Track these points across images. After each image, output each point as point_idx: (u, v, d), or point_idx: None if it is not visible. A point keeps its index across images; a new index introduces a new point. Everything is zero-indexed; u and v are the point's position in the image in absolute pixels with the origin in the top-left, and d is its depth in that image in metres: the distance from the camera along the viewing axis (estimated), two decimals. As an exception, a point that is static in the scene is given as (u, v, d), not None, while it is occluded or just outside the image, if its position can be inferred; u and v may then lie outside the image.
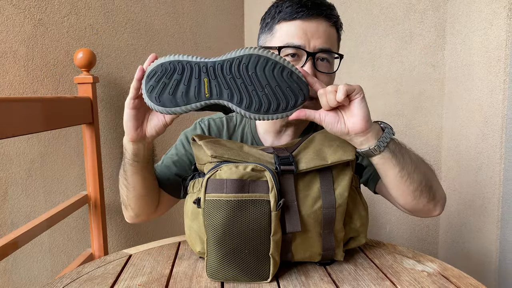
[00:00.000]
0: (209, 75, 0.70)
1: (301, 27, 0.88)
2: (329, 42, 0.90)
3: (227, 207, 0.69)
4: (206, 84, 0.70)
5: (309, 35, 0.88)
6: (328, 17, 0.90)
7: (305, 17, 0.88)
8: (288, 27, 0.90)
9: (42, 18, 1.45)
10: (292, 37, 0.88)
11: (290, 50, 0.89)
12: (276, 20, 0.92)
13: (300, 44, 0.88)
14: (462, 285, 0.70)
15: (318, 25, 0.89)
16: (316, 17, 0.89)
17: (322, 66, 0.90)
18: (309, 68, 0.87)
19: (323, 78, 0.90)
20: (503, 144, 1.18)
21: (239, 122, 1.04)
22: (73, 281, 0.73)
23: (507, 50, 1.14)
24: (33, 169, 1.48)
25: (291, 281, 0.72)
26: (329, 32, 0.90)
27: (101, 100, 1.62)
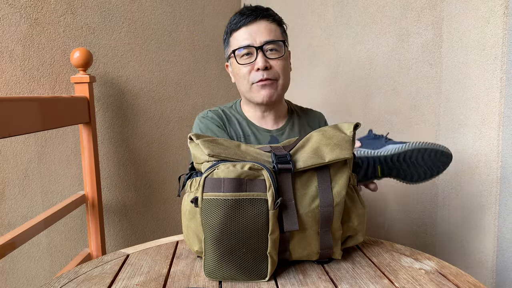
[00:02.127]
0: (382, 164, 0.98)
1: (246, 31, 1.09)
2: (271, 34, 1.09)
3: (224, 206, 0.69)
4: (379, 169, 0.97)
5: (253, 35, 1.08)
6: (265, 17, 1.10)
7: (247, 22, 1.09)
8: (237, 35, 1.11)
9: (39, 18, 1.45)
10: (241, 41, 1.09)
11: (243, 50, 1.09)
12: (229, 34, 1.14)
13: (248, 43, 1.08)
14: (459, 283, 0.70)
15: (259, 25, 1.09)
16: (255, 20, 1.09)
17: (271, 54, 1.09)
18: (260, 58, 1.07)
19: (275, 62, 1.09)
20: (500, 142, 1.18)
21: (228, 113, 1.21)
22: (70, 281, 0.73)
23: (504, 48, 1.14)
24: (30, 169, 1.47)
25: (289, 280, 0.72)
26: (269, 27, 1.10)
27: (98, 100, 1.61)
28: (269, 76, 1.08)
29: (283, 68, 1.10)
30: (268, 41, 1.08)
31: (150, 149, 1.79)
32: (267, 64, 1.07)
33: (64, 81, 1.52)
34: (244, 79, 1.11)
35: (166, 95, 1.83)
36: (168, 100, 1.84)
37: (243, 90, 1.14)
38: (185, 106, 1.91)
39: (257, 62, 1.07)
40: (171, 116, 1.86)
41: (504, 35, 1.14)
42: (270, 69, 1.08)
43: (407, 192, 1.58)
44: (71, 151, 1.56)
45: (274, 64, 1.09)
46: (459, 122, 1.38)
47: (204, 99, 1.98)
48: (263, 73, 1.07)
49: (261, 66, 1.06)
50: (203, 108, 1.98)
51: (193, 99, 1.94)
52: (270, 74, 1.08)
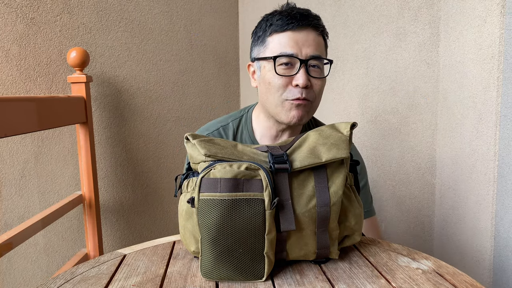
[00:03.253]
0: None
1: (292, 37, 0.96)
2: (318, 49, 0.98)
3: (221, 206, 0.68)
4: None
5: (300, 44, 0.96)
6: (315, 27, 0.98)
7: (295, 28, 0.96)
8: (280, 38, 0.97)
9: (35, 17, 1.44)
10: (284, 47, 0.96)
11: (284, 59, 0.96)
12: (267, 33, 0.99)
13: (293, 52, 0.95)
14: (456, 282, 0.70)
15: (308, 35, 0.97)
16: (305, 27, 0.96)
17: (314, 72, 0.98)
18: (303, 74, 0.94)
19: (316, 82, 0.98)
20: (497, 141, 1.18)
21: (235, 128, 1.10)
22: (66, 282, 0.73)
23: (501, 47, 1.15)
24: (27, 169, 1.47)
25: (285, 280, 0.72)
26: (317, 41, 0.98)
27: (95, 100, 1.61)
28: (307, 96, 0.96)
29: (321, 89, 1.00)
30: (315, 56, 0.96)
31: (147, 149, 1.78)
32: (308, 83, 0.96)
33: (61, 81, 1.51)
34: (276, 92, 0.98)
35: (163, 94, 1.83)
36: (165, 100, 1.84)
37: (271, 102, 1.00)
38: (183, 105, 1.91)
39: (297, 78, 0.95)
40: (168, 115, 1.85)
41: (501, 34, 1.14)
42: (310, 88, 0.97)
43: (404, 191, 1.59)
44: (68, 151, 1.55)
45: (314, 84, 0.97)
46: (456, 121, 1.38)
47: (202, 98, 1.98)
48: (302, 91, 0.96)
49: (302, 84, 0.94)
50: (200, 108, 1.98)
51: (190, 99, 1.93)
52: (309, 94, 0.97)
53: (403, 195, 1.59)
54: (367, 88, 1.63)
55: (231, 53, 2.09)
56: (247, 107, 1.15)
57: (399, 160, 1.58)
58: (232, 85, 2.11)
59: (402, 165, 1.58)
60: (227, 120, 1.12)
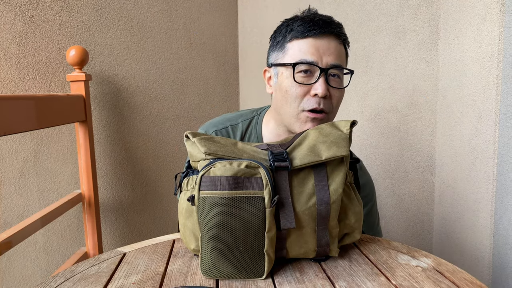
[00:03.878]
0: None
1: (313, 45, 0.92)
2: (339, 58, 0.94)
3: (221, 204, 0.68)
4: None
5: (321, 52, 0.92)
6: (337, 35, 0.94)
7: (316, 35, 0.92)
8: (301, 45, 0.93)
9: (34, 16, 1.44)
10: (305, 54, 0.92)
11: (303, 67, 0.92)
12: (287, 38, 0.95)
13: (313, 60, 0.91)
14: (456, 280, 0.70)
15: (329, 43, 0.93)
16: (327, 35, 0.93)
17: (334, 82, 0.94)
18: (322, 83, 0.91)
19: (335, 92, 0.95)
20: (496, 139, 1.18)
21: (245, 129, 1.08)
22: (66, 280, 0.73)
23: (500, 46, 1.15)
24: (26, 168, 1.47)
25: (285, 278, 0.72)
26: (339, 49, 0.94)
27: (95, 98, 1.61)
28: (324, 107, 0.93)
29: (339, 100, 0.96)
30: (336, 65, 0.93)
31: (146, 148, 1.78)
32: (327, 93, 0.92)
33: (60, 79, 1.51)
34: (294, 101, 0.94)
35: (162, 93, 1.83)
36: (164, 98, 1.84)
37: (286, 112, 0.96)
38: (182, 104, 1.91)
39: (316, 87, 0.91)
40: (167, 114, 1.85)
41: (501, 32, 1.14)
42: (328, 98, 0.93)
43: (404, 190, 1.59)
44: (67, 149, 1.55)
45: (333, 94, 0.94)
46: (455, 120, 1.38)
47: (201, 97, 1.98)
48: (320, 101, 0.92)
49: (321, 94, 0.91)
50: (199, 107, 1.98)
51: (189, 97, 1.93)
52: (326, 105, 0.93)
53: (402, 193, 1.59)
54: (367, 86, 1.63)
55: (230, 51, 2.09)
56: (260, 109, 1.11)
57: (399, 159, 1.58)
58: (232, 84, 2.11)
59: (401, 164, 1.58)
60: (237, 120, 1.08)
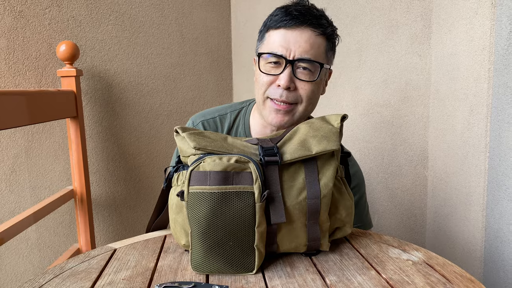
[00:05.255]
0: None
1: (284, 36, 0.91)
2: (311, 51, 0.92)
3: (211, 199, 0.68)
4: None
5: (290, 44, 0.91)
6: (313, 26, 0.91)
7: (289, 25, 0.91)
8: (273, 35, 0.93)
9: (23, 10, 1.42)
10: (275, 46, 0.92)
11: (272, 58, 0.93)
12: (266, 29, 0.96)
13: (282, 53, 0.91)
14: (446, 273, 0.70)
15: (301, 34, 0.91)
16: (300, 26, 0.91)
17: (302, 74, 0.93)
18: (285, 75, 0.91)
19: (302, 85, 0.94)
20: (488, 133, 1.18)
21: (233, 120, 1.08)
22: (55, 277, 0.72)
23: (492, 39, 1.15)
24: (17, 164, 1.46)
25: (276, 272, 0.72)
26: (313, 41, 0.92)
27: (86, 94, 1.60)
28: (288, 98, 0.93)
29: (310, 93, 0.95)
30: (303, 59, 0.91)
31: (139, 143, 1.77)
32: (291, 85, 0.92)
33: (51, 74, 1.50)
34: (261, 88, 0.96)
35: (155, 88, 1.82)
36: (157, 94, 1.83)
37: (257, 99, 1.00)
38: (175, 99, 1.90)
39: (280, 78, 0.92)
40: (160, 110, 1.84)
41: (492, 26, 1.14)
42: (293, 90, 0.93)
43: (397, 184, 1.59)
44: (58, 145, 1.54)
45: (300, 87, 0.93)
46: (448, 114, 1.38)
47: (194, 92, 1.97)
48: (282, 93, 0.93)
49: (283, 85, 0.91)
50: (192, 102, 1.97)
51: (182, 93, 1.92)
52: (290, 96, 0.93)
53: (395, 188, 1.60)
54: (360, 80, 1.63)
55: (223, 46, 2.07)
56: (249, 100, 1.11)
57: (391, 153, 1.58)
58: (225, 79, 2.10)
59: (394, 158, 1.58)
60: (226, 110, 1.09)
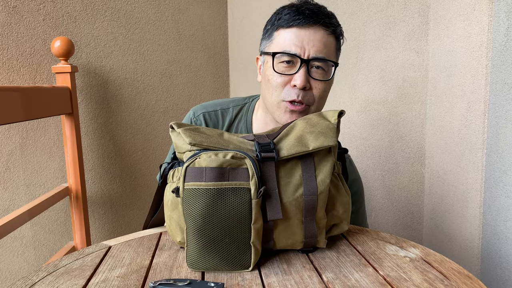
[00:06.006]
0: None
1: (297, 35, 0.91)
2: (325, 50, 0.92)
3: (206, 196, 0.67)
4: None
5: (304, 43, 0.90)
6: (325, 25, 0.92)
7: (301, 24, 0.90)
8: (286, 34, 0.92)
9: (17, 6, 1.40)
10: (288, 45, 0.91)
11: (285, 57, 0.92)
12: (275, 27, 0.95)
13: (296, 52, 0.90)
14: (443, 270, 0.70)
15: (315, 33, 0.91)
16: (313, 25, 0.91)
17: (316, 74, 0.93)
18: (301, 75, 0.90)
19: (317, 84, 0.93)
20: (485, 129, 1.18)
21: (235, 115, 1.07)
22: (49, 274, 0.71)
23: (489, 35, 1.14)
24: (12, 161, 1.44)
25: (272, 269, 0.72)
26: (325, 40, 0.92)
27: (81, 90, 1.58)
28: (303, 99, 0.92)
29: (323, 93, 0.94)
30: (319, 58, 0.91)
31: (135, 141, 1.76)
32: (307, 84, 0.91)
33: (45, 71, 1.48)
34: (275, 90, 0.94)
35: (151, 85, 1.81)
36: (153, 91, 1.81)
37: (268, 100, 0.97)
38: (171, 96, 1.88)
39: (295, 78, 0.91)
40: (156, 107, 1.83)
41: (490, 22, 1.13)
42: (308, 90, 0.93)
43: (394, 181, 1.59)
44: (53, 142, 1.53)
45: (314, 86, 0.93)
46: (445, 110, 1.38)
47: (190, 89, 1.96)
48: (298, 93, 0.92)
49: (300, 85, 0.90)
50: (189, 99, 1.96)
51: (178, 90, 1.91)
52: (306, 97, 0.92)
53: (392, 185, 1.59)
54: (357, 77, 1.62)
55: (220, 43, 2.06)
56: (252, 96, 1.11)
57: (389, 150, 1.58)
58: (222, 76, 2.09)
59: (391, 155, 1.58)
60: (228, 104, 1.08)
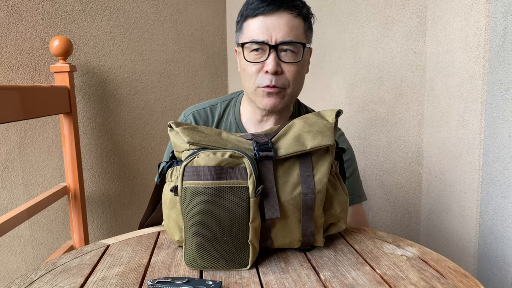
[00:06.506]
0: None
1: (263, 22, 0.94)
2: (291, 33, 0.94)
3: (204, 195, 0.68)
4: None
5: (271, 29, 0.93)
6: (289, 9, 0.94)
7: (266, 12, 0.93)
8: (253, 24, 0.95)
9: (16, 5, 1.41)
10: (256, 33, 0.94)
11: (255, 45, 0.95)
12: (243, 18, 0.98)
13: (263, 39, 0.93)
14: (440, 268, 0.70)
15: (279, 18, 0.93)
16: (277, 10, 0.93)
17: (286, 57, 0.95)
18: (271, 60, 0.93)
19: (288, 67, 0.95)
20: (482, 129, 1.19)
21: (223, 110, 1.10)
22: (47, 273, 0.72)
23: (486, 36, 1.15)
24: (10, 161, 1.44)
25: (270, 268, 0.72)
26: (292, 23, 0.94)
27: (80, 90, 1.58)
28: (277, 83, 0.94)
29: (296, 75, 0.97)
30: (286, 41, 0.93)
31: (133, 140, 1.76)
32: (278, 69, 0.94)
33: (44, 70, 1.48)
34: (250, 78, 0.97)
35: (149, 85, 1.81)
36: (151, 90, 1.82)
37: (247, 89, 1.01)
38: (169, 96, 1.89)
39: (267, 64, 0.93)
40: (154, 106, 1.83)
41: (487, 22, 1.14)
42: (280, 74, 0.95)
43: (392, 181, 1.59)
44: (52, 142, 1.53)
45: (286, 70, 0.95)
46: (442, 111, 1.39)
47: (189, 89, 1.96)
48: (271, 78, 0.94)
49: (271, 70, 0.93)
50: (187, 99, 1.96)
51: (177, 89, 1.91)
52: (279, 81, 0.95)
53: (390, 185, 1.60)
54: (355, 78, 1.63)
55: (218, 42, 2.07)
56: (240, 91, 1.14)
57: (386, 150, 1.58)
58: (220, 75, 2.09)
59: (389, 155, 1.58)
60: (216, 102, 1.12)
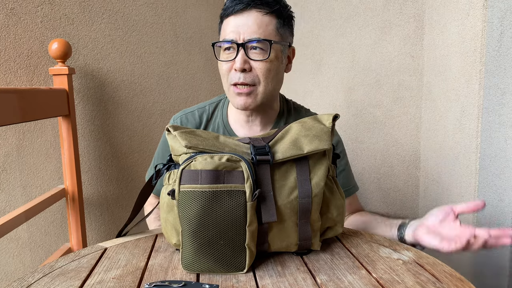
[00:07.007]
0: None
1: (233, 22, 0.97)
2: (259, 31, 0.96)
3: (202, 198, 0.68)
4: None
5: (239, 28, 0.96)
6: (258, 7, 0.96)
7: (235, 11, 0.96)
8: (226, 24, 0.99)
9: (15, 8, 1.41)
10: (227, 33, 0.98)
11: (225, 45, 0.99)
12: (221, 20, 1.03)
13: (232, 38, 0.96)
14: (436, 272, 0.71)
15: (248, 17, 0.96)
16: (245, 10, 0.96)
17: (254, 54, 0.97)
18: (239, 58, 0.95)
19: (257, 65, 0.97)
20: (479, 133, 1.19)
21: (211, 112, 1.12)
22: (45, 276, 0.72)
23: (483, 40, 1.15)
24: (8, 163, 1.44)
25: (267, 271, 0.72)
26: (260, 21, 0.96)
27: (78, 92, 1.59)
28: (246, 80, 0.96)
29: (266, 72, 0.97)
30: (253, 39, 0.95)
31: (132, 143, 1.77)
32: (246, 66, 0.96)
33: (42, 73, 1.48)
34: (224, 77, 1.01)
35: (148, 87, 1.81)
36: (150, 93, 1.82)
37: (224, 89, 1.04)
38: (168, 99, 1.89)
39: (235, 62, 0.96)
40: (153, 109, 1.84)
41: (484, 27, 1.15)
42: (249, 71, 0.97)
43: (389, 184, 1.60)
44: (50, 144, 1.53)
45: (255, 67, 0.97)
46: (440, 114, 1.39)
47: (188, 92, 1.97)
48: (240, 75, 0.96)
49: (238, 68, 0.95)
50: (186, 101, 1.96)
51: (176, 92, 1.92)
52: (248, 78, 0.97)
53: (387, 188, 1.60)
54: (353, 81, 1.64)
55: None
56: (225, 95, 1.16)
57: (384, 153, 1.59)
58: (218, 78, 2.09)
59: (386, 158, 1.59)
60: (205, 104, 1.15)
